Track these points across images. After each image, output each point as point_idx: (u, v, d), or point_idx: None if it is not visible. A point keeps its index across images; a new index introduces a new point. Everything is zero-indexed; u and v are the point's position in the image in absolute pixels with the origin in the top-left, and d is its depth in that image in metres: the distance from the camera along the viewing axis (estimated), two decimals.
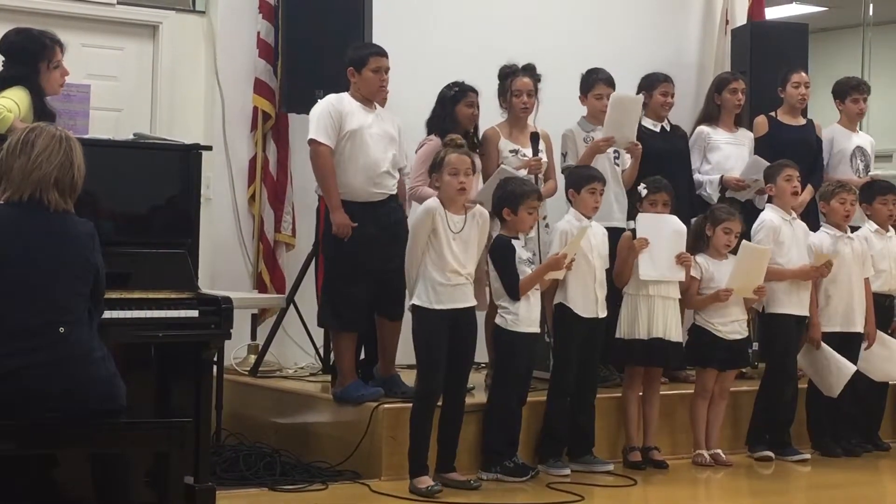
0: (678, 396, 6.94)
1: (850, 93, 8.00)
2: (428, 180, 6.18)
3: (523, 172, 6.63)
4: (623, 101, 6.96)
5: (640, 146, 7.00)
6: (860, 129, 8.19)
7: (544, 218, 6.78)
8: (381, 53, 6.38)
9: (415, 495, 5.74)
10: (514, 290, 6.09)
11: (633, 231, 6.62)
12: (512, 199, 6.14)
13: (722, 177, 7.55)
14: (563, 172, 6.96)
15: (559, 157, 7.09)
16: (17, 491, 4.46)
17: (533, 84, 6.85)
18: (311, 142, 6.24)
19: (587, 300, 6.36)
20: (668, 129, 7.58)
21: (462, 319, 5.89)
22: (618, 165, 7.12)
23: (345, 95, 6.33)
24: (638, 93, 7.40)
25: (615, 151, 7.08)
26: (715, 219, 6.79)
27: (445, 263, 5.83)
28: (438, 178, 5.90)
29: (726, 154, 7.66)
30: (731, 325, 6.74)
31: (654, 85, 7.53)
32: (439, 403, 5.92)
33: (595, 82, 7.11)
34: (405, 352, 6.40)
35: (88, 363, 4.30)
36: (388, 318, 6.37)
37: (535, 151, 6.75)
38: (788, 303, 6.95)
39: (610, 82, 7.12)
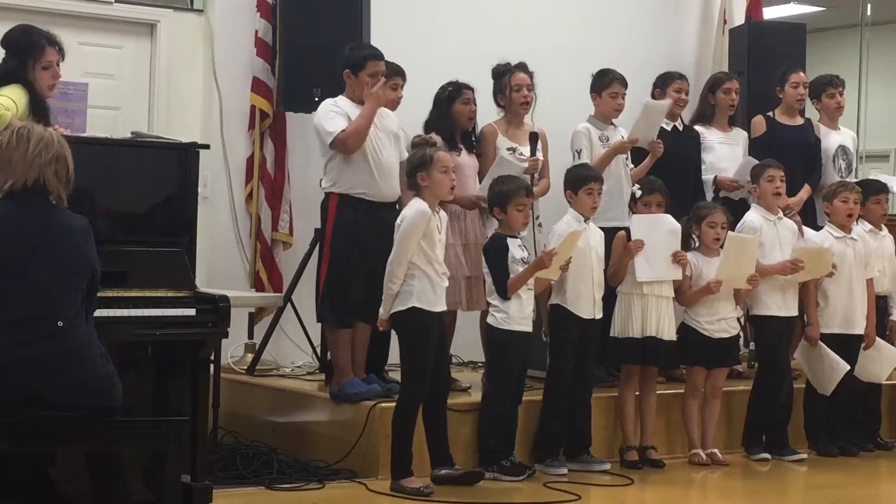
0: (675, 396, 6.93)
1: (825, 89, 7.94)
2: None
3: (525, 166, 6.64)
4: (653, 108, 7.16)
5: (662, 144, 7.09)
6: (842, 126, 8.12)
7: (537, 217, 6.78)
8: (378, 57, 6.35)
9: (398, 494, 5.71)
10: (504, 289, 6.09)
11: (628, 231, 6.63)
12: (501, 199, 6.15)
13: (716, 177, 7.56)
14: None
15: (572, 155, 7.07)
16: (13, 489, 4.46)
17: (530, 79, 6.89)
18: (332, 142, 6.18)
19: (584, 301, 6.36)
20: (681, 128, 7.61)
21: (442, 321, 5.92)
22: (628, 165, 7.14)
23: (342, 99, 6.31)
24: (653, 91, 7.54)
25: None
26: (698, 217, 6.79)
27: (439, 265, 5.83)
28: (426, 177, 5.80)
29: (720, 154, 7.66)
30: (719, 322, 6.73)
31: (668, 82, 7.61)
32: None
33: (612, 81, 7.14)
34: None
35: (87, 358, 4.31)
36: (368, 322, 6.27)
37: (534, 151, 6.76)
38: (773, 305, 6.93)
39: (624, 82, 7.17)
